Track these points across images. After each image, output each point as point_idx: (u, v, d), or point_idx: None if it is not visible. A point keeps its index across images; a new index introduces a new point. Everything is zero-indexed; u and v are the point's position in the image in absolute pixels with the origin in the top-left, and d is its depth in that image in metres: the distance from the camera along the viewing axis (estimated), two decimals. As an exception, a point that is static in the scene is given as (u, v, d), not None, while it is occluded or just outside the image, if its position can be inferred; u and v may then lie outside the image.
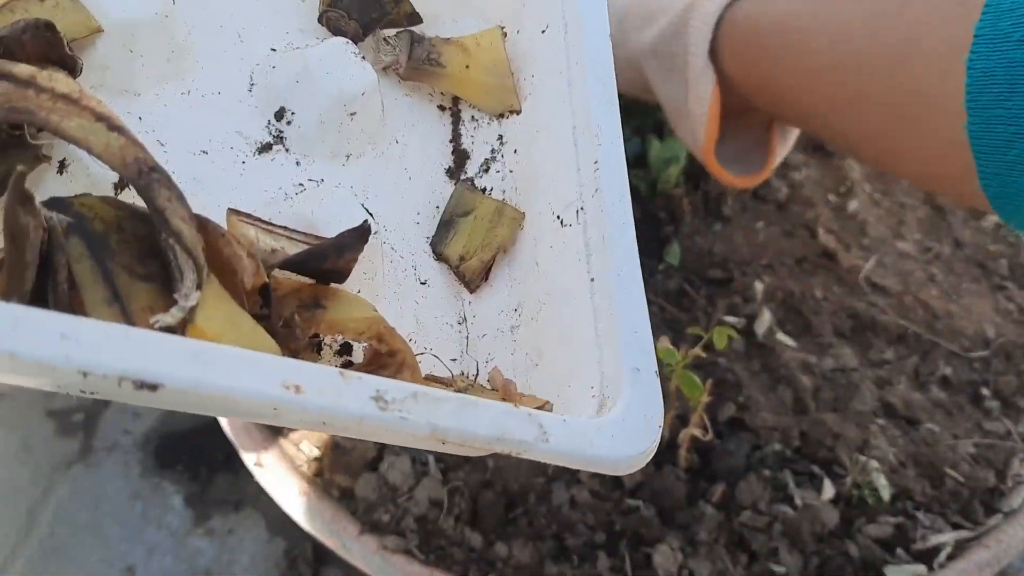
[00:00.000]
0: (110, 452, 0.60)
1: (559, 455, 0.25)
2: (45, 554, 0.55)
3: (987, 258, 0.65)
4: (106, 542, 0.56)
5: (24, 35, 0.28)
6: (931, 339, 0.58)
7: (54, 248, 0.25)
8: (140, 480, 0.59)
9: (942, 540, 0.48)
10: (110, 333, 0.21)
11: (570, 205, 0.34)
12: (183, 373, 0.21)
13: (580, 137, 0.35)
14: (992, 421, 0.54)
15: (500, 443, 0.24)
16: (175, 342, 0.21)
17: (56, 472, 0.59)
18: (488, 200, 0.38)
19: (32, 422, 0.62)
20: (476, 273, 0.37)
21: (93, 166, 0.31)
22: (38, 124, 0.27)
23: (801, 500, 0.49)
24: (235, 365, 0.22)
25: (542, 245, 0.36)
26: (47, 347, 0.20)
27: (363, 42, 0.40)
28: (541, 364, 0.34)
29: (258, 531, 0.57)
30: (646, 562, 0.47)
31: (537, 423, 0.25)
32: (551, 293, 0.34)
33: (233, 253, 0.27)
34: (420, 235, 0.38)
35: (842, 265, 0.61)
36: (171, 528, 0.57)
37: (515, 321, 0.36)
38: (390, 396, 0.23)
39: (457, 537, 0.47)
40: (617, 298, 0.30)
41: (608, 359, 0.30)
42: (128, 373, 0.20)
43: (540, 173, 0.38)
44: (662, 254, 0.60)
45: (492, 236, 0.37)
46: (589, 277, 0.32)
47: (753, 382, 0.54)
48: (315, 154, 0.37)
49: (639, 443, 0.27)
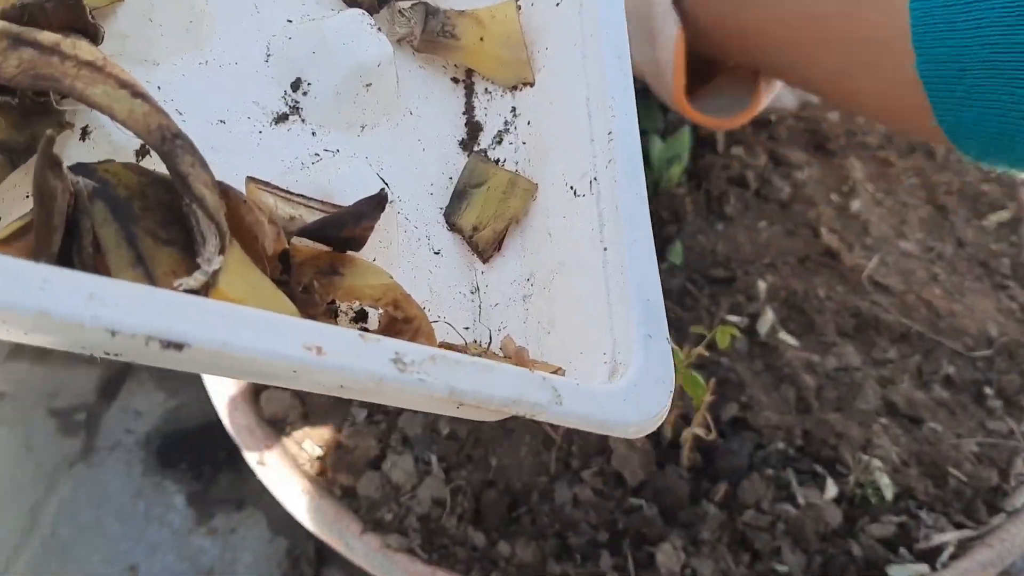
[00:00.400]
0: (112, 451, 0.60)
1: (572, 417, 0.26)
2: (47, 553, 0.56)
3: (990, 257, 0.65)
4: (108, 541, 0.56)
5: (48, 3, 0.29)
6: (934, 338, 0.58)
7: (80, 212, 0.26)
8: (142, 479, 0.59)
9: (945, 539, 0.48)
10: (137, 293, 0.21)
11: (584, 176, 0.35)
12: (209, 333, 0.22)
13: (594, 109, 0.36)
14: (995, 420, 0.54)
15: (516, 405, 0.25)
16: (200, 303, 0.22)
17: (58, 471, 0.59)
18: (501, 171, 0.39)
19: (34, 421, 0.62)
20: (489, 243, 0.37)
21: (115, 133, 0.32)
22: (63, 91, 0.28)
23: (804, 499, 0.49)
24: (258, 326, 0.22)
25: (555, 216, 0.37)
26: (76, 306, 0.20)
27: (378, 14, 0.41)
28: (553, 332, 0.34)
29: (260, 530, 0.57)
30: (649, 561, 0.47)
31: (551, 386, 0.26)
32: (564, 263, 0.35)
33: (255, 219, 0.28)
34: (434, 206, 0.38)
35: (845, 264, 0.61)
36: (173, 527, 0.57)
37: (527, 290, 0.37)
38: (409, 358, 0.24)
39: (460, 536, 0.47)
40: (630, 267, 0.31)
41: (620, 326, 0.30)
42: (155, 332, 0.21)
43: (553, 144, 0.39)
44: (665, 253, 0.61)
45: (505, 207, 0.38)
46: (602, 247, 0.33)
47: (756, 381, 0.54)
48: (331, 124, 0.38)
49: (650, 407, 0.28)
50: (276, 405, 0.52)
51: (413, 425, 0.51)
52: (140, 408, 0.63)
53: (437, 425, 0.51)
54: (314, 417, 0.52)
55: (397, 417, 0.51)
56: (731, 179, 0.66)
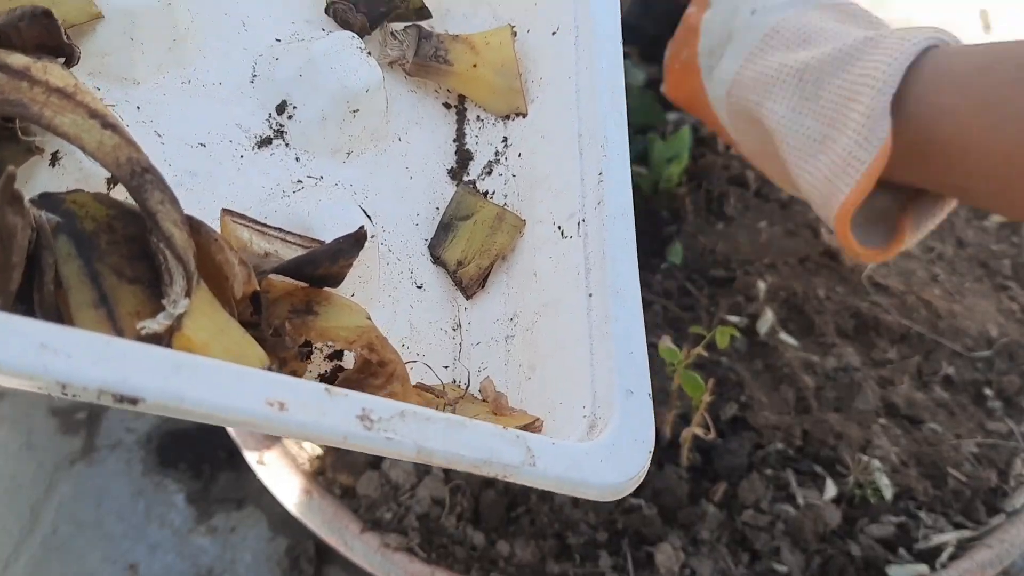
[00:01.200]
0: (113, 450, 0.60)
1: (545, 480, 0.25)
2: (48, 552, 0.56)
3: (990, 258, 0.65)
4: (109, 540, 0.56)
5: (21, 22, 0.28)
6: (934, 339, 0.58)
7: (42, 247, 0.25)
8: (143, 478, 0.59)
9: (944, 540, 0.48)
10: (91, 343, 0.20)
11: (572, 216, 0.34)
12: (164, 387, 0.21)
13: (586, 146, 0.35)
14: (995, 421, 0.54)
15: (487, 466, 0.24)
16: (157, 354, 0.21)
17: (59, 470, 0.59)
18: (489, 205, 0.38)
19: (35, 420, 0.62)
20: (473, 279, 0.36)
21: (86, 160, 0.30)
22: (31, 119, 0.26)
23: (803, 499, 0.49)
24: (218, 380, 0.21)
25: (541, 255, 0.35)
26: (26, 356, 0.19)
27: (370, 36, 0.40)
28: (534, 378, 0.33)
29: (260, 529, 0.57)
30: (648, 561, 0.47)
31: (525, 446, 0.25)
32: (548, 305, 0.34)
33: (225, 260, 0.26)
34: (419, 236, 0.37)
35: (845, 265, 0.61)
36: (173, 526, 0.57)
37: (510, 331, 0.35)
38: (376, 415, 0.23)
39: (459, 535, 0.47)
40: (614, 317, 0.30)
41: (601, 379, 0.29)
42: (108, 386, 0.20)
43: (543, 180, 0.37)
44: (664, 253, 0.60)
45: (491, 242, 0.36)
46: (587, 292, 0.31)
47: (755, 381, 0.54)
48: (315, 150, 0.37)
49: (627, 469, 0.26)
50: (276, 404, 0.52)
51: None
52: (141, 407, 0.63)
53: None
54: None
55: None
56: (731, 179, 0.66)
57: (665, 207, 0.63)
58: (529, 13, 0.41)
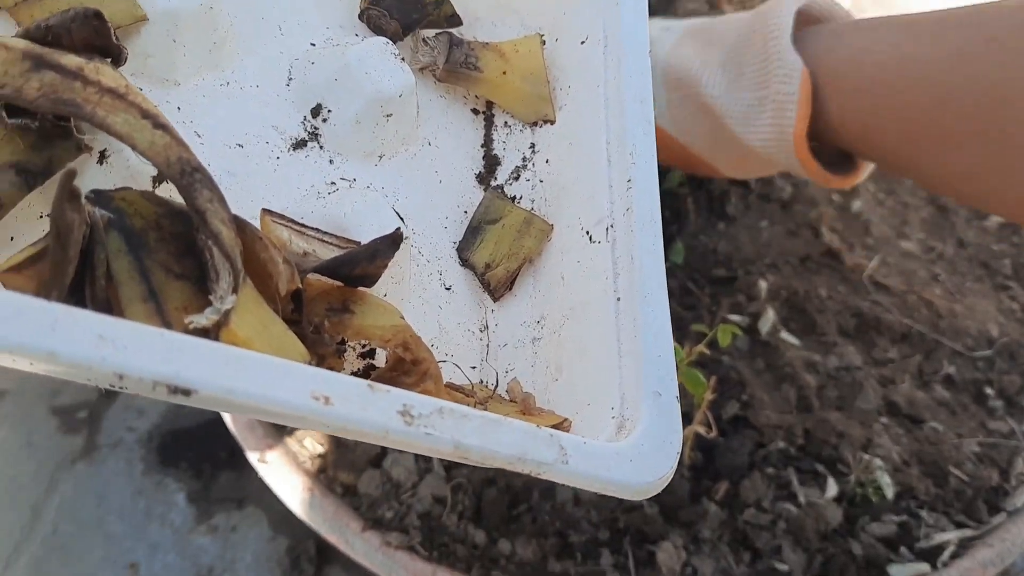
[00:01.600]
0: (114, 449, 0.60)
1: (577, 477, 0.26)
2: (48, 551, 0.56)
3: (991, 258, 0.65)
4: (109, 539, 0.56)
5: (72, 23, 0.29)
6: (935, 338, 0.58)
7: (95, 242, 0.26)
8: (143, 477, 0.59)
9: (946, 539, 0.48)
10: (147, 336, 0.21)
11: (600, 221, 0.34)
12: (217, 380, 0.21)
13: (614, 154, 0.35)
14: (996, 420, 0.54)
15: (521, 463, 0.25)
16: (209, 348, 0.22)
17: (60, 469, 0.59)
18: (517, 209, 0.38)
19: (36, 419, 0.62)
20: (501, 282, 0.37)
21: (133, 158, 0.31)
22: (84, 117, 0.27)
23: (805, 498, 0.49)
24: (267, 373, 0.22)
25: (569, 259, 0.36)
26: (85, 348, 0.20)
27: (402, 41, 0.40)
28: (561, 379, 0.34)
29: (261, 528, 0.57)
30: (649, 559, 0.47)
31: (558, 444, 0.25)
32: (575, 308, 0.34)
33: (270, 258, 0.27)
34: (447, 240, 0.38)
35: (846, 264, 0.61)
36: (174, 525, 0.57)
37: (537, 333, 0.36)
38: (416, 411, 0.24)
39: (460, 534, 0.47)
40: (643, 320, 0.30)
41: (629, 381, 0.30)
42: (163, 378, 0.21)
43: (571, 186, 0.38)
44: (666, 253, 0.61)
45: (519, 246, 0.37)
46: (615, 296, 0.32)
47: (757, 380, 0.54)
48: (349, 153, 0.37)
49: (656, 469, 0.27)
50: (277, 403, 0.52)
51: (414, 423, 0.51)
52: (141, 406, 0.63)
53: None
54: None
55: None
56: (732, 179, 0.66)
57: (667, 207, 0.63)
58: (558, 22, 0.42)
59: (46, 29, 0.28)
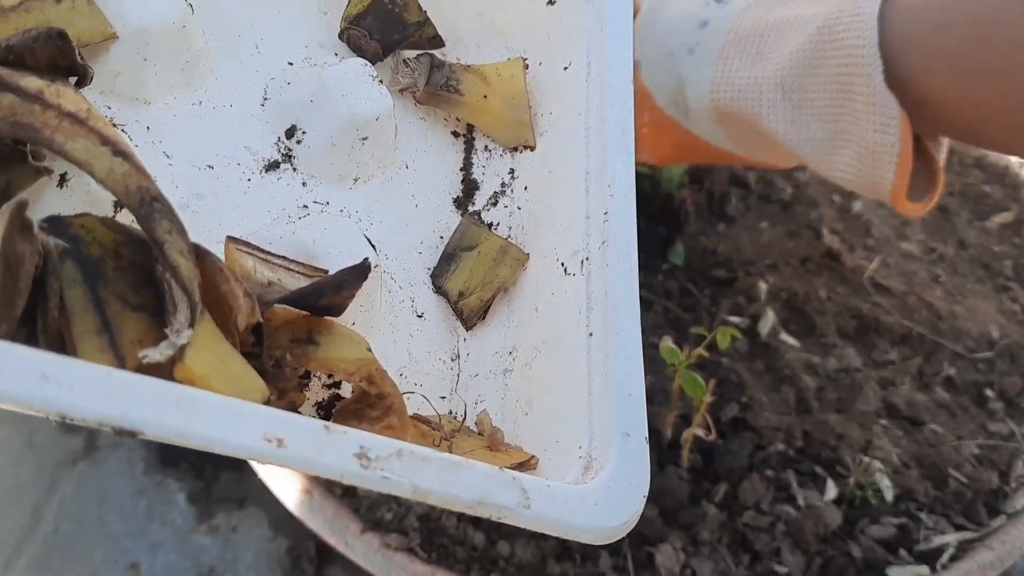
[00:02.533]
0: (114, 449, 0.60)
1: (539, 522, 0.25)
2: (49, 551, 0.56)
3: (992, 259, 0.65)
4: (110, 539, 0.56)
5: (35, 43, 0.28)
6: (935, 340, 0.57)
7: (48, 272, 0.25)
8: (144, 477, 0.59)
9: (945, 541, 0.48)
10: (91, 376, 0.20)
11: (576, 253, 0.34)
12: (164, 421, 0.21)
13: (593, 185, 0.34)
14: (996, 422, 0.54)
15: (482, 507, 0.24)
16: (157, 388, 0.21)
17: (60, 469, 0.59)
18: (493, 237, 0.37)
19: (37, 419, 0.62)
20: (474, 311, 0.36)
21: (94, 183, 0.31)
22: (42, 143, 0.26)
23: (804, 500, 0.49)
24: (218, 415, 0.22)
25: (543, 290, 0.35)
26: (27, 387, 0.19)
27: (382, 62, 0.39)
28: (531, 414, 0.33)
29: (261, 529, 0.57)
30: (648, 561, 0.47)
31: (520, 487, 0.25)
32: (548, 341, 0.34)
33: (230, 291, 0.26)
34: (421, 265, 0.37)
35: (846, 265, 0.61)
36: (175, 525, 0.57)
37: (509, 364, 0.35)
38: (373, 453, 0.23)
39: (459, 535, 0.47)
40: (614, 357, 0.30)
41: (598, 420, 0.29)
42: (108, 419, 0.20)
43: (548, 215, 0.37)
44: (666, 253, 0.60)
45: (494, 275, 0.36)
46: (588, 331, 0.31)
47: (756, 382, 0.54)
48: (323, 176, 0.36)
49: (621, 514, 0.26)
50: (277, 404, 0.52)
51: (414, 425, 0.51)
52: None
53: (438, 425, 0.51)
54: (315, 416, 0.52)
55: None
56: (733, 179, 0.66)
57: (667, 208, 0.63)
58: (542, 46, 0.41)
59: (7, 49, 0.27)
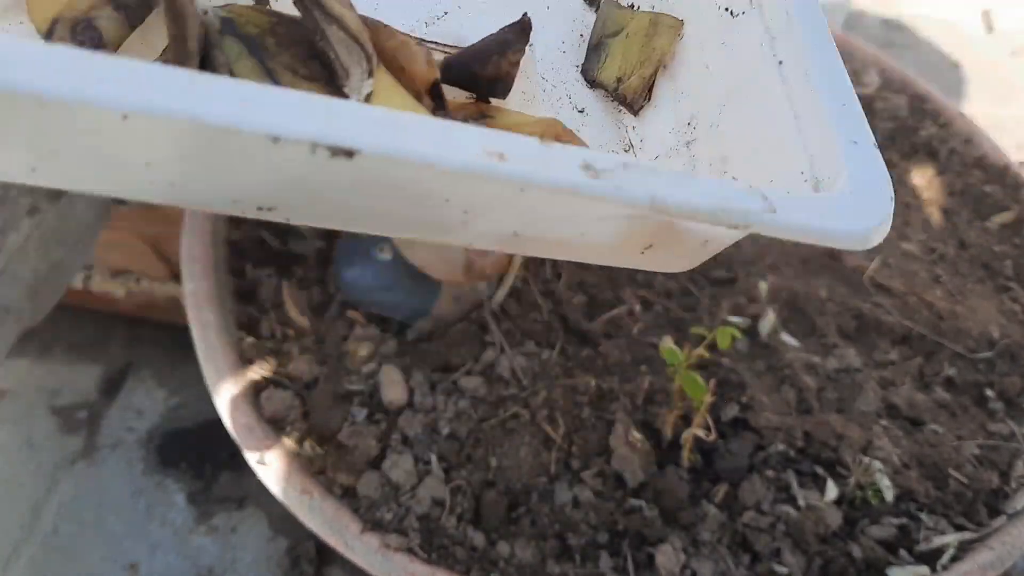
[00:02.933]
0: (114, 449, 0.60)
1: (788, 228, 0.23)
2: (48, 551, 0.56)
3: (992, 259, 0.65)
4: (109, 539, 0.56)
5: None
6: (935, 340, 0.57)
7: (212, 47, 0.24)
8: (143, 477, 0.59)
9: (945, 541, 0.48)
10: (298, 99, 0.19)
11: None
12: (383, 139, 0.19)
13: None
14: (996, 423, 0.54)
15: (725, 214, 0.22)
16: (372, 110, 0.19)
17: (60, 469, 0.59)
18: (639, 14, 0.36)
19: (36, 419, 0.62)
20: (638, 92, 0.35)
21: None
22: None
23: (804, 501, 0.49)
24: (435, 132, 0.20)
25: (710, 46, 0.34)
26: (230, 111, 0.18)
27: None
28: (729, 171, 0.31)
29: (261, 529, 0.57)
30: (649, 562, 0.46)
31: (760, 195, 0.23)
32: (731, 92, 0.32)
33: (401, 42, 0.25)
34: (568, 64, 0.36)
35: (846, 266, 0.61)
36: (174, 525, 0.57)
37: (690, 136, 0.34)
38: (600, 165, 0.21)
39: (459, 536, 0.47)
40: (815, 74, 0.28)
41: (815, 138, 0.28)
42: (323, 138, 0.18)
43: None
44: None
45: (650, 50, 0.35)
46: (776, 61, 0.30)
47: (757, 382, 0.54)
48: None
49: (870, 217, 0.25)
50: (276, 404, 0.52)
51: (413, 425, 0.51)
52: (141, 406, 0.63)
53: (437, 425, 0.51)
54: (314, 416, 0.52)
55: (397, 417, 0.51)
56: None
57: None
58: None
59: None
